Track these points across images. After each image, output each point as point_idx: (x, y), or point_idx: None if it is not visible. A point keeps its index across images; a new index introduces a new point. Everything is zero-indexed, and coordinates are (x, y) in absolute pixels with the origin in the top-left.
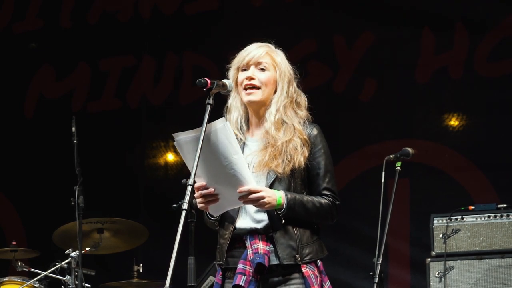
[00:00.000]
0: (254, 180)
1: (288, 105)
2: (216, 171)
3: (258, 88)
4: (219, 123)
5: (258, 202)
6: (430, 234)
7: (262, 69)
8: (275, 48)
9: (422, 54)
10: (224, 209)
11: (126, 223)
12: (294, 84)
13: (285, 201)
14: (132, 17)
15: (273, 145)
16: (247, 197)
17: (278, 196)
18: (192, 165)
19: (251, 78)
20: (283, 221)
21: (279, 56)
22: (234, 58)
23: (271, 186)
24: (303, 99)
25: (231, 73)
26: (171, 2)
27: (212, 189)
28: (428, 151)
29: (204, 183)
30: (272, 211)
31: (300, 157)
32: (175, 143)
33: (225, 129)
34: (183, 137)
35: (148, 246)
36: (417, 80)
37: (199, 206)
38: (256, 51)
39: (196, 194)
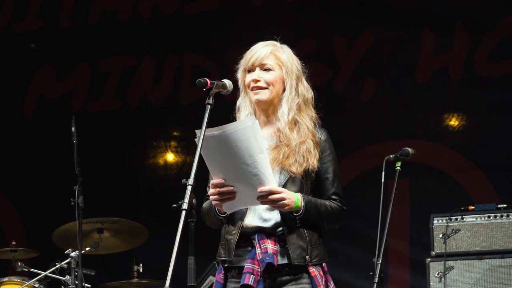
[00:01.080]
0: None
1: (302, 105)
2: (237, 169)
3: (265, 88)
4: (248, 121)
5: (278, 203)
6: (430, 234)
7: (267, 70)
8: (281, 44)
9: (422, 54)
10: (238, 207)
11: (126, 223)
12: (303, 80)
13: (303, 204)
14: (132, 17)
15: (287, 145)
16: (266, 197)
17: (296, 198)
18: (211, 163)
19: (257, 80)
20: (298, 224)
21: (285, 53)
22: (241, 58)
23: (284, 186)
24: (310, 97)
25: (239, 74)
26: (171, 2)
27: (232, 187)
28: (428, 151)
29: (222, 180)
30: (287, 212)
31: (313, 159)
32: (196, 139)
33: (253, 127)
34: (206, 134)
35: (148, 246)
36: (417, 80)
37: (213, 202)
38: (260, 51)
39: (213, 191)
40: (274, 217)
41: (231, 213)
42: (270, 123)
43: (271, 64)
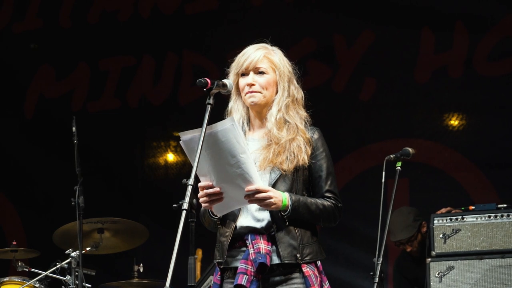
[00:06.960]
0: (261, 179)
1: (290, 105)
2: (223, 170)
3: (260, 92)
4: (228, 122)
5: (264, 202)
6: (430, 234)
7: (261, 73)
8: (272, 46)
9: (421, 54)
10: (228, 209)
11: (126, 223)
12: (294, 81)
13: (290, 203)
14: (132, 17)
15: (277, 143)
16: (253, 196)
17: (284, 197)
18: (194, 165)
19: (252, 84)
20: (287, 223)
21: (277, 56)
22: (232, 61)
23: (274, 184)
24: (300, 97)
25: (231, 77)
26: (171, 2)
27: (218, 188)
28: (428, 151)
29: (210, 182)
30: (275, 211)
31: (303, 155)
32: (180, 142)
33: (233, 128)
34: (189, 136)
35: (148, 246)
36: (417, 79)
37: (203, 205)
38: (253, 55)
39: (201, 193)
40: (266, 217)
41: (224, 215)
42: (263, 125)
43: (265, 68)
